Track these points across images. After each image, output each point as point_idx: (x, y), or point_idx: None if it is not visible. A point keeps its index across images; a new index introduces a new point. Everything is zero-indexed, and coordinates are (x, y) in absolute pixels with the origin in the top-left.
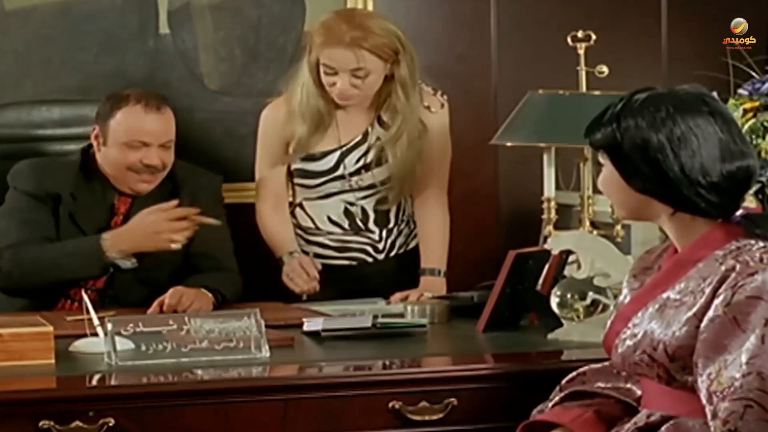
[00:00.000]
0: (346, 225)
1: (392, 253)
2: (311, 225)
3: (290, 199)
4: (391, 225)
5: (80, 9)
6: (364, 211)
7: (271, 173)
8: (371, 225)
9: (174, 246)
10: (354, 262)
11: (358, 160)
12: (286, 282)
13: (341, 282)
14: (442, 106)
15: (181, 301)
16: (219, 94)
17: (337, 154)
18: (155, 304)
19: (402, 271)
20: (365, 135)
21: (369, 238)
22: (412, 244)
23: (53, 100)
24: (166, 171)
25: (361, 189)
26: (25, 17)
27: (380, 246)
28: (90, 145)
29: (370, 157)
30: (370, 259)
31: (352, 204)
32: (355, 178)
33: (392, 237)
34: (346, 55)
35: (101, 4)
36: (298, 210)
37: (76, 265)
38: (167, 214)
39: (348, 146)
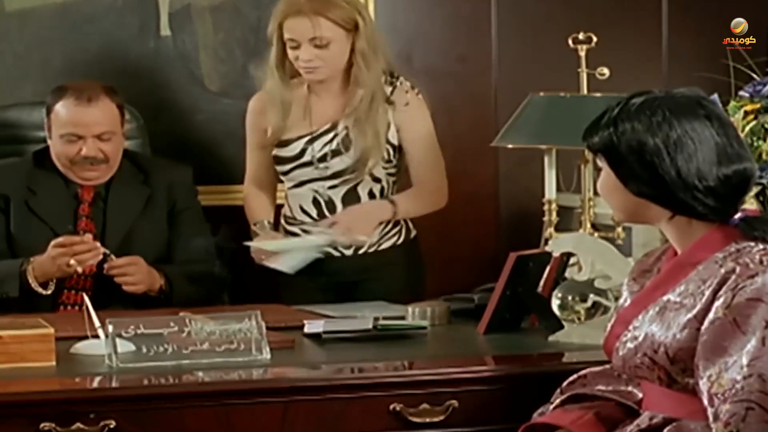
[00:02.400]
0: (314, 214)
1: (361, 251)
2: (289, 214)
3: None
4: None
5: (80, 10)
6: (331, 201)
7: (253, 157)
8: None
9: (78, 269)
10: (320, 255)
11: (323, 147)
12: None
13: (311, 273)
14: (418, 94)
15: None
16: (219, 96)
17: (304, 140)
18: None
19: (373, 270)
20: (335, 124)
21: None
22: (384, 245)
23: None
24: (114, 161)
25: (328, 177)
26: (24, 19)
27: None
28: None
29: (335, 143)
30: (336, 254)
31: (319, 193)
32: (322, 165)
33: None
34: (304, 23)
35: (101, 6)
36: (285, 200)
37: None
38: (71, 249)
39: (316, 133)
